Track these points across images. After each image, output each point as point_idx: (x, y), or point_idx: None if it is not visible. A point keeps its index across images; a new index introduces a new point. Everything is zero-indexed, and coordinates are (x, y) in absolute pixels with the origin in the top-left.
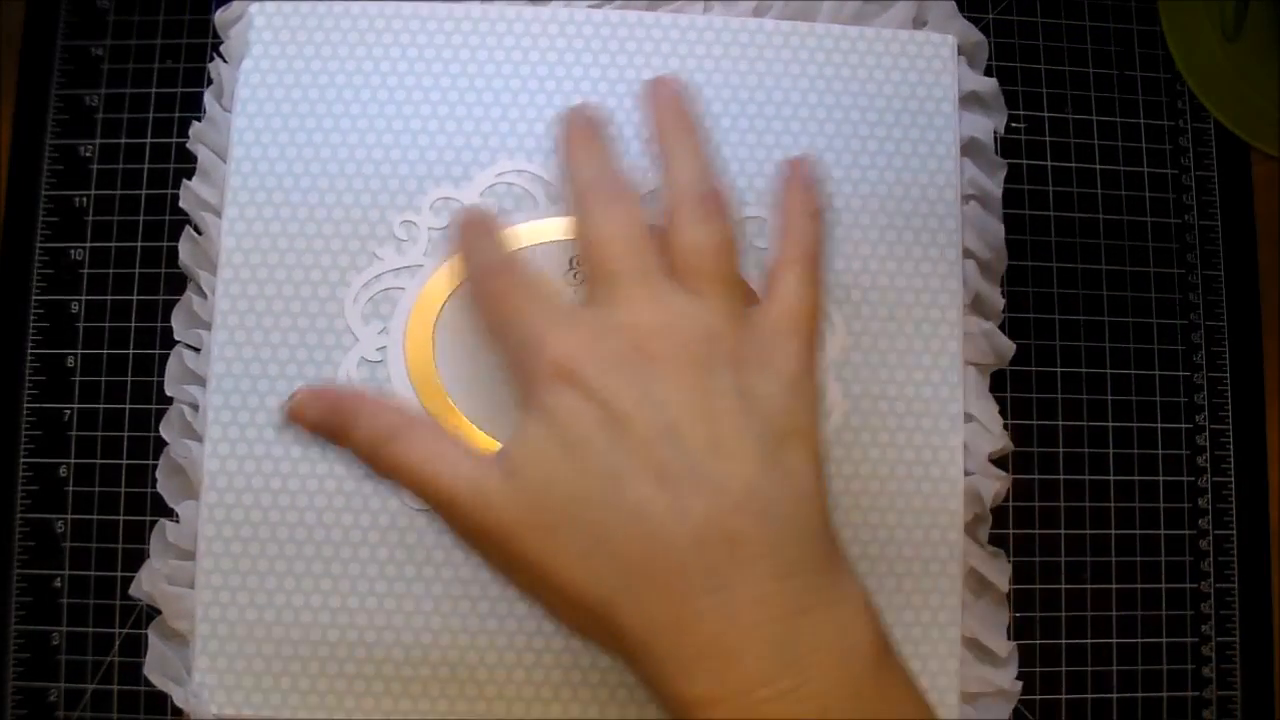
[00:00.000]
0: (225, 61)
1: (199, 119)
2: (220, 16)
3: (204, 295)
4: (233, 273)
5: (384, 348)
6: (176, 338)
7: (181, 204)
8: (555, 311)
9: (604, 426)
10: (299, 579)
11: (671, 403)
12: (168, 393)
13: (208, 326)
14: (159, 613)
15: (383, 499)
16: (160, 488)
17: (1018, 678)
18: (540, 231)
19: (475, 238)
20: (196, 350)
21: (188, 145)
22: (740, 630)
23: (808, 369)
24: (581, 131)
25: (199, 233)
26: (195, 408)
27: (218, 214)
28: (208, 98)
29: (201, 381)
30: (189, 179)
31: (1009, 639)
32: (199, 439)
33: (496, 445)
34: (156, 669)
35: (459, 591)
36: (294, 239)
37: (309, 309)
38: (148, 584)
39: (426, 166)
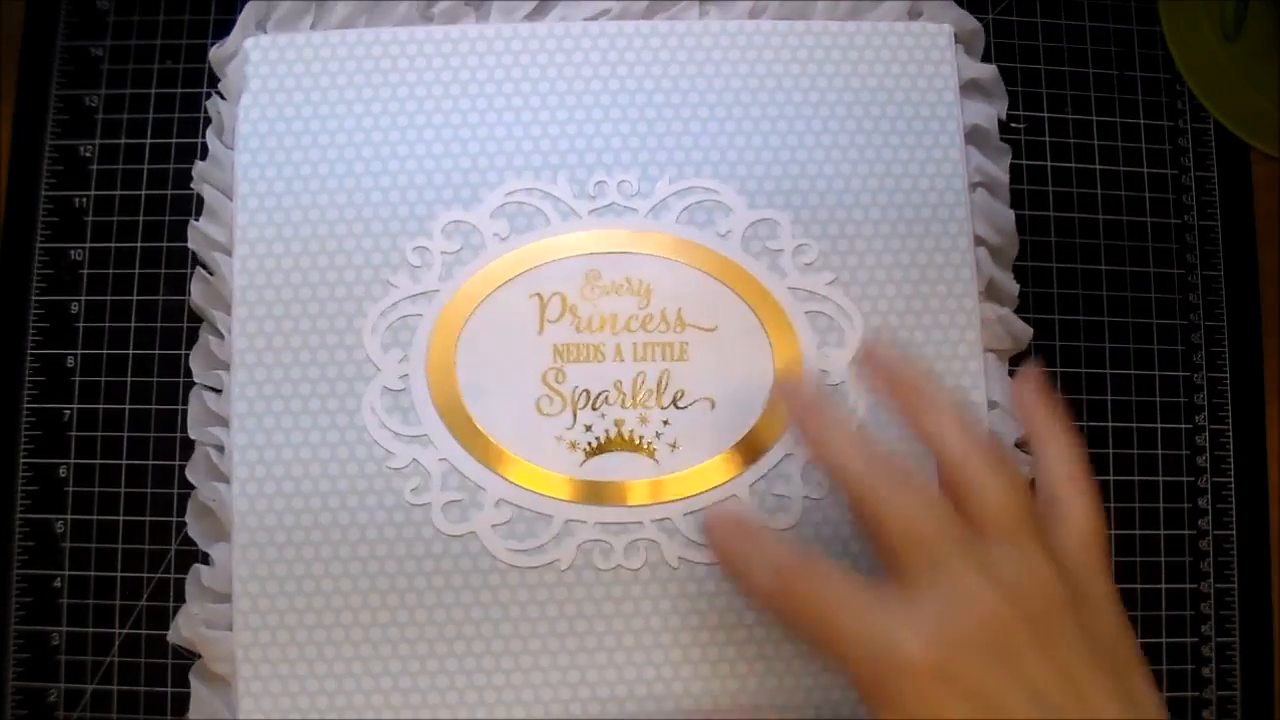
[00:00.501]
0: (224, 98)
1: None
2: (215, 53)
3: (220, 335)
4: (248, 310)
5: (406, 375)
6: (196, 380)
7: (190, 244)
8: (887, 606)
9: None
10: (337, 614)
11: (1036, 674)
12: (191, 436)
13: (226, 367)
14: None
15: (416, 528)
16: (191, 532)
17: None
18: (554, 248)
19: (742, 544)
20: (217, 391)
21: (192, 185)
22: None
23: (1114, 589)
24: (820, 417)
25: (210, 273)
26: (220, 449)
27: (228, 253)
28: (209, 136)
29: (224, 423)
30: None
31: None
32: (226, 481)
33: (520, 461)
34: (201, 713)
35: (499, 615)
36: (307, 273)
37: (327, 342)
38: (186, 629)
39: (435, 190)
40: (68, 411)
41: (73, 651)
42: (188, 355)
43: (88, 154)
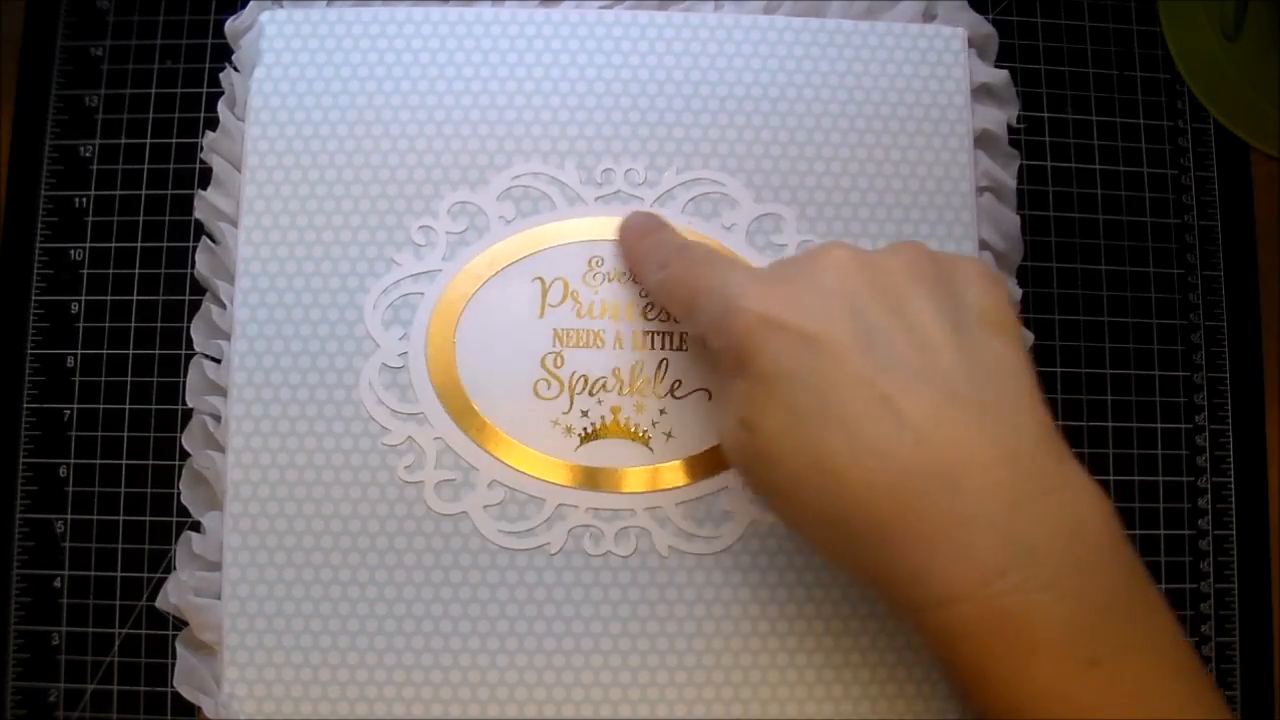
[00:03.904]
0: (237, 70)
1: (199, 119)
2: (231, 26)
3: (222, 306)
4: (251, 282)
5: (405, 353)
6: (196, 349)
7: (197, 214)
8: (743, 268)
9: (809, 354)
10: (326, 587)
11: (870, 316)
12: (189, 404)
13: (227, 337)
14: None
15: (408, 505)
16: (184, 499)
17: None
18: (558, 233)
19: (644, 236)
20: (217, 361)
21: (201, 156)
22: (971, 524)
23: (995, 275)
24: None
25: (215, 243)
26: (217, 418)
27: (233, 223)
28: (221, 107)
29: (223, 392)
30: (196, 183)
31: None
32: (221, 450)
33: (515, 444)
34: (185, 681)
35: (486, 596)
36: (311, 247)
37: (329, 316)
38: (174, 596)
39: (442, 170)
40: (68, 411)
41: (73, 651)
42: (188, 356)
43: (88, 154)
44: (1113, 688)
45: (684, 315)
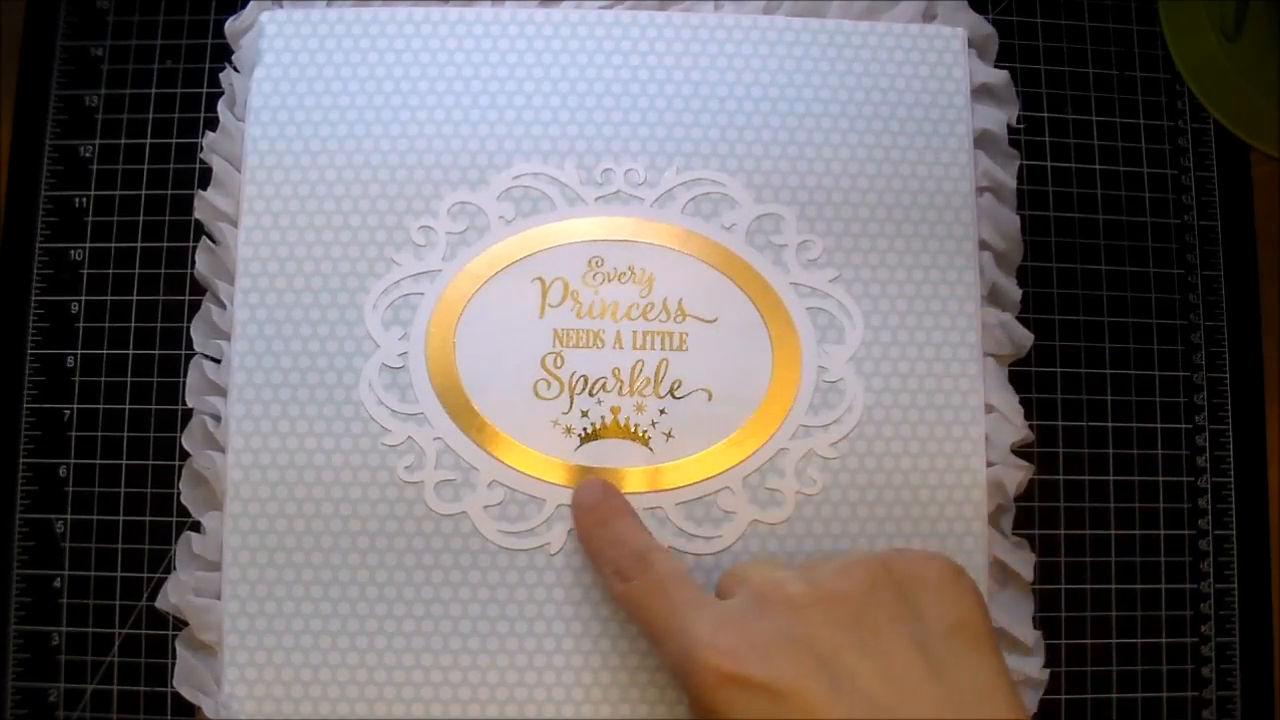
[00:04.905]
0: (237, 71)
1: (199, 119)
2: (231, 26)
3: (222, 306)
4: (251, 282)
5: (405, 353)
6: (196, 349)
7: (196, 214)
8: (700, 609)
9: (780, 710)
10: (325, 587)
11: (838, 659)
12: (189, 404)
13: (227, 337)
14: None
15: (408, 505)
16: (184, 499)
17: (1044, 666)
18: (558, 233)
19: (600, 524)
20: (217, 361)
21: (201, 156)
22: None
23: (957, 573)
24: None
25: (215, 243)
26: (217, 419)
27: (233, 224)
28: (221, 107)
29: (223, 392)
30: (196, 183)
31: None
32: (221, 450)
33: (515, 444)
34: (185, 681)
35: (486, 596)
36: (311, 247)
37: (329, 316)
38: (174, 596)
39: (442, 171)
40: (68, 411)
41: (73, 651)
42: (188, 356)
43: (88, 154)
44: None
45: (648, 640)
